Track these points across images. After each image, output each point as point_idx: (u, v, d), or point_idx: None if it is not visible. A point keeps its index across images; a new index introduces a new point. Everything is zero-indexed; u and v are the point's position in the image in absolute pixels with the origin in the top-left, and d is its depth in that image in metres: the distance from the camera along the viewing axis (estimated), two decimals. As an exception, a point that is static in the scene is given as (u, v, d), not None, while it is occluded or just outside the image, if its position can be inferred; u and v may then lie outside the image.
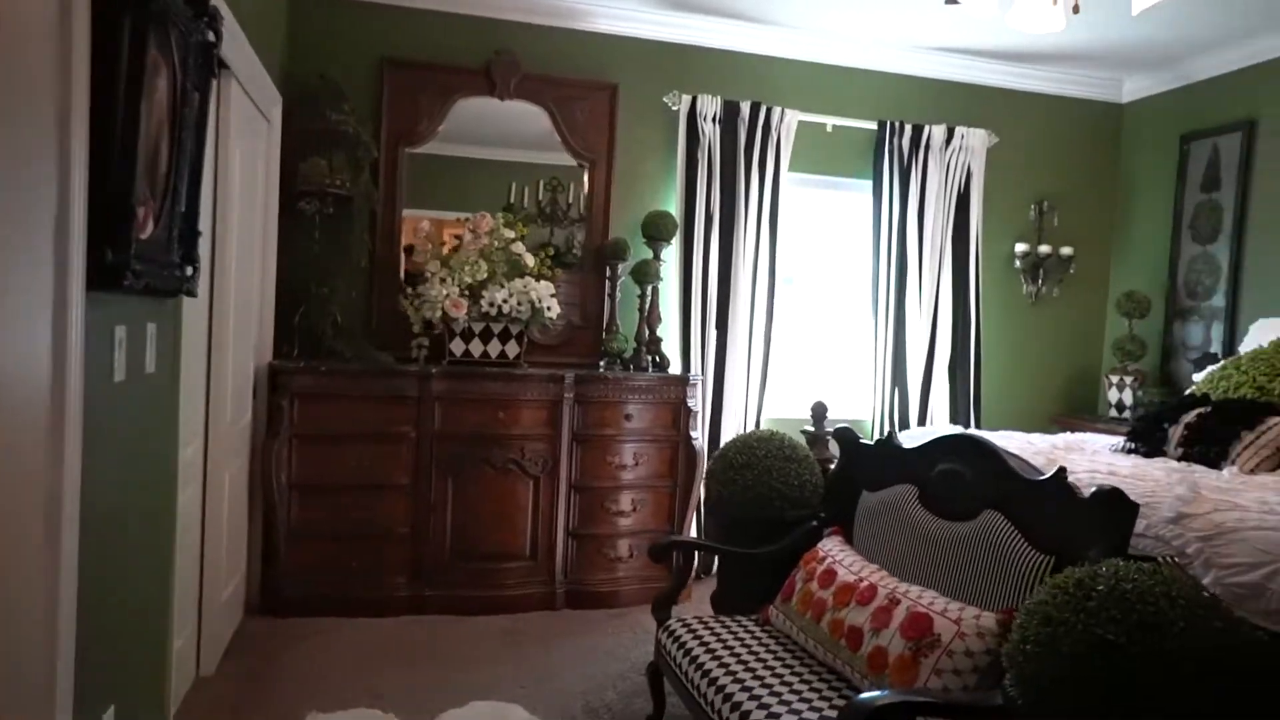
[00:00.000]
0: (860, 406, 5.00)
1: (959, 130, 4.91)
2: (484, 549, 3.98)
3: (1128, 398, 4.86)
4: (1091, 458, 2.92)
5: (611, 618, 3.99)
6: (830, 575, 2.44)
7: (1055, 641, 1.47)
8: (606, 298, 4.44)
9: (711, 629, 2.57)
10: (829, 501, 2.98)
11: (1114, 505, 1.87)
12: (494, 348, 4.05)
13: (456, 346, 4.02)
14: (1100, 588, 1.48)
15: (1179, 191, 4.93)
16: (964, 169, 4.95)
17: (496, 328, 4.04)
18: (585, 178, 4.53)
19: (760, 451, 3.09)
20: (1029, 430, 5.19)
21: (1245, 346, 3.91)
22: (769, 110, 4.64)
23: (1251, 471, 2.76)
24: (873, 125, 4.88)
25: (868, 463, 2.86)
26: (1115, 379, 4.91)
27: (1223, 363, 3.40)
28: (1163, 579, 1.49)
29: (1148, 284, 5.05)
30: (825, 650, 2.27)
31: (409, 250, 4.29)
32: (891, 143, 4.85)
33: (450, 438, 3.90)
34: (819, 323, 5.13)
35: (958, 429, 2.85)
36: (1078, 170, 5.33)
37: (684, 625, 2.62)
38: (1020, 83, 5.13)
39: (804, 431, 3.56)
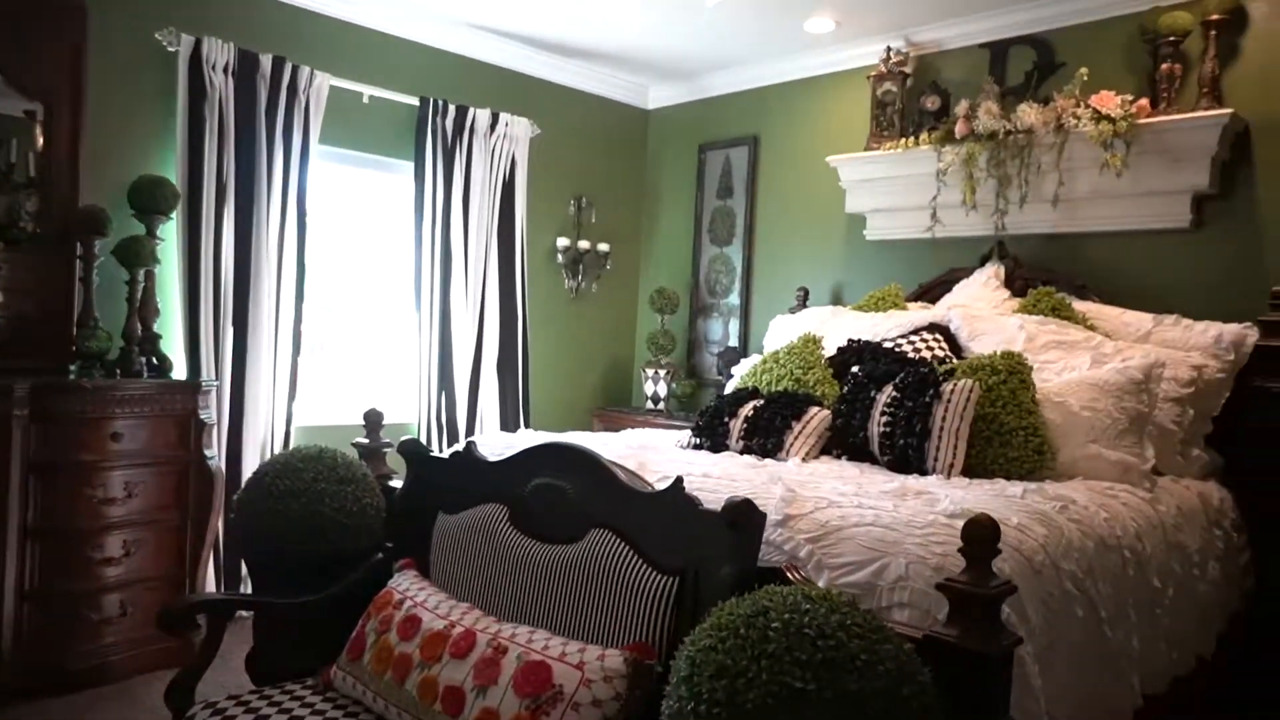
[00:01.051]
0: (405, 410, 4.55)
1: (504, 117, 4.70)
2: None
3: (662, 389, 5.09)
4: (671, 457, 2.84)
5: (101, 701, 3.04)
6: (413, 623, 1.98)
7: (736, 697, 1.20)
8: (78, 283, 3.40)
9: (254, 709, 1.95)
10: (395, 528, 2.51)
11: (743, 517, 1.71)
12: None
13: None
14: (776, 624, 1.25)
15: (698, 197, 5.30)
16: (509, 158, 4.76)
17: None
18: (38, 128, 3.41)
19: (309, 474, 2.49)
20: (574, 425, 5.22)
21: (769, 341, 4.26)
22: (295, 69, 3.96)
23: (804, 459, 2.91)
24: (414, 101, 4.45)
25: (443, 480, 2.45)
26: (650, 372, 5.12)
27: (762, 357, 3.63)
28: (831, 603, 1.31)
29: (675, 281, 5.35)
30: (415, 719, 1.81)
31: None
32: (435, 122, 4.46)
33: None
34: (358, 318, 4.56)
35: (549, 437, 2.56)
36: (612, 169, 5.47)
37: (214, 712, 1.96)
38: (562, 76, 5.10)
39: (356, 444, 3.01)
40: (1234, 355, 3.17)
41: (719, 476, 2.43)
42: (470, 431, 4.59)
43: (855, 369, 3.18)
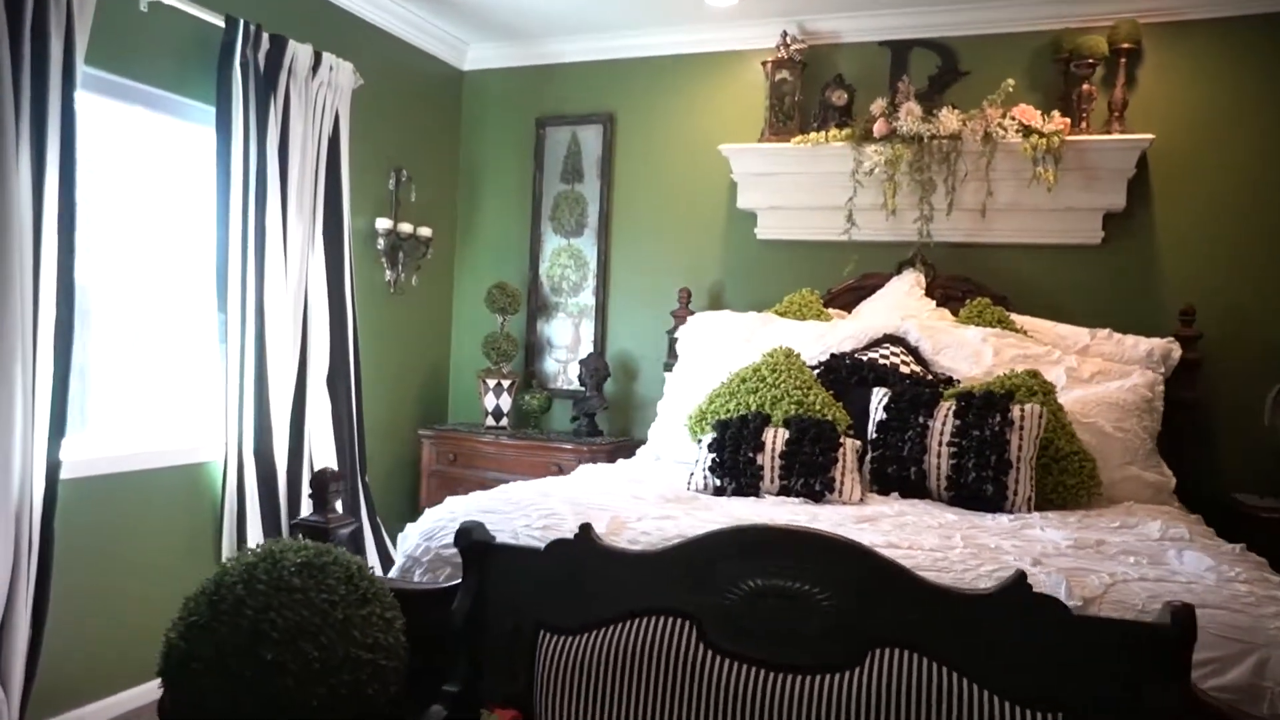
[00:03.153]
0: (206, 442, 3.35)
1: (327, 59, 3.64)
2: None
3: (505, 403, 4.35)
4: (706, 508, 2.24)
5: None
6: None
7: None
8: None
9: None
10: (446, 661, 1.68)
11: (1187, 627, 1.26)
12: None
13: None
14: None
15: (537, 178, 4.60)
16: (333, 113, 3.70)
17: None
18: None
19: (318, 596, 1.58)
20: (402, 453, 4.30)
21: (686, 351, 3.76)
22: (59, -51, 2.65)
23: (861, 501, 2.48)
24: (219, 21, 3.25)
25: (540, 585, 1.67)
26: (493, 382, 4.35)
27: (733, 374, 3.12)
28: None
29: (506, 275, 4.60)
30: None
31: None
32: (245, 54, 3.30)
33: None
34: (139, 320, 3.26)
35: (713, 513, 1.84)
36: (431, 138, 4.56)
37: None
38: (381, 16, 4.10)
39: (306, 525, 2.02)
40: (1164, 369, 3.33)
41: (882, 545, 1.92)
42: (295, 466, 3.50)
43: (882, 392, 2.82)
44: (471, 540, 1.72)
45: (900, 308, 3.62)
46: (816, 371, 3.11)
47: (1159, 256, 3.62)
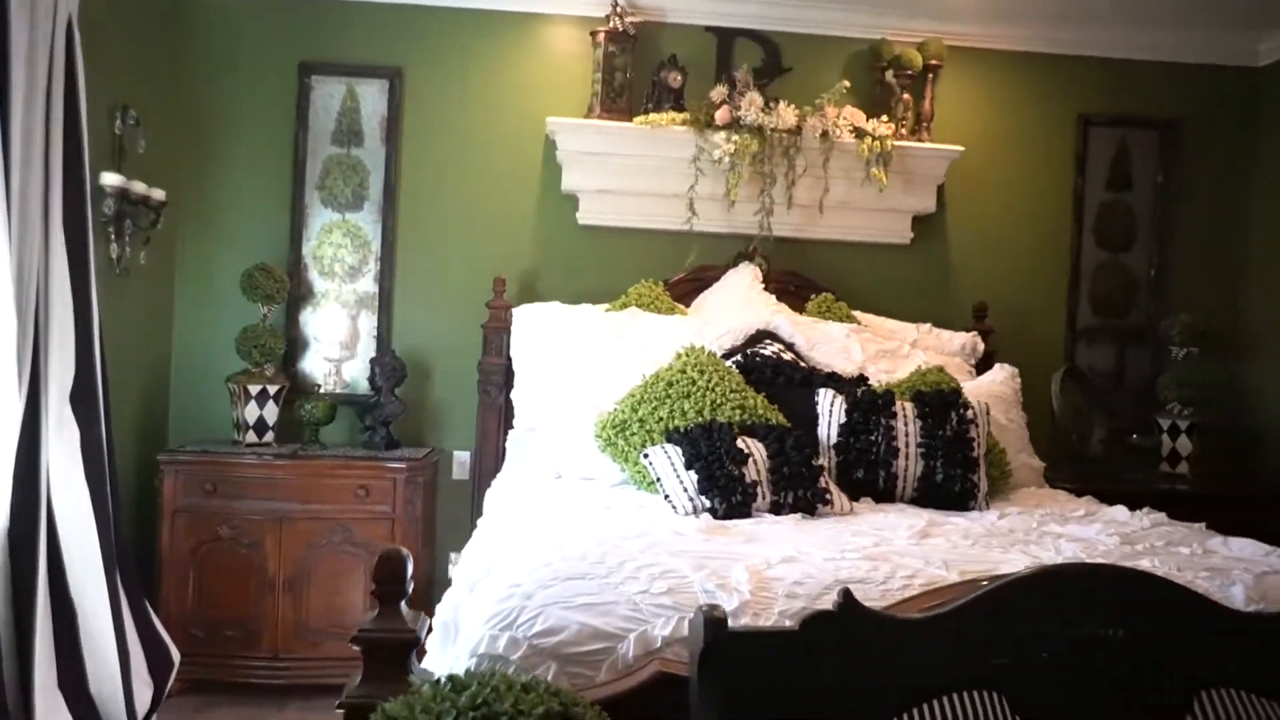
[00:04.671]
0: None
1: (55, -58, 2.56)
2: None
3: (270, 414, 3.49)
4: (758, 544, 1.93)
5: None
6: None
7: None
8: None
9: None
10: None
11: None
12: None
13: None
14: None
15: (300, 138, 3.74)
16: (64, 18, 2.63)
17: None
18: None
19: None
20: (137, 481, 3.30)
21: (526, 351, 3.29)
22: None
23: (851, 512, 2.33)
24: None
25: (804, 673, 1.28)
26: (255, 388, 3.46)
27: (657, 375, 2.73)
28: None
29: (259, 254, 3.66)
30: None
31: None
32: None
33: None
34: None
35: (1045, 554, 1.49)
36: (160, 73, 3.49)
37: None
38: (107, -102, 3.01)
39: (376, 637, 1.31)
40: (974, 361, 3.66)
41: (867, 558, 1.80)
42: (26, 526, 2.42)
43: (830, 394, 2.69)
44: (734, 640, 1.24)
45: (746, 302, 3.54)
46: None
47: (956, 257, 3.97)
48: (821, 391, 2.75)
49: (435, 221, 3.80)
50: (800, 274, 3.81)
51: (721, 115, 3.58)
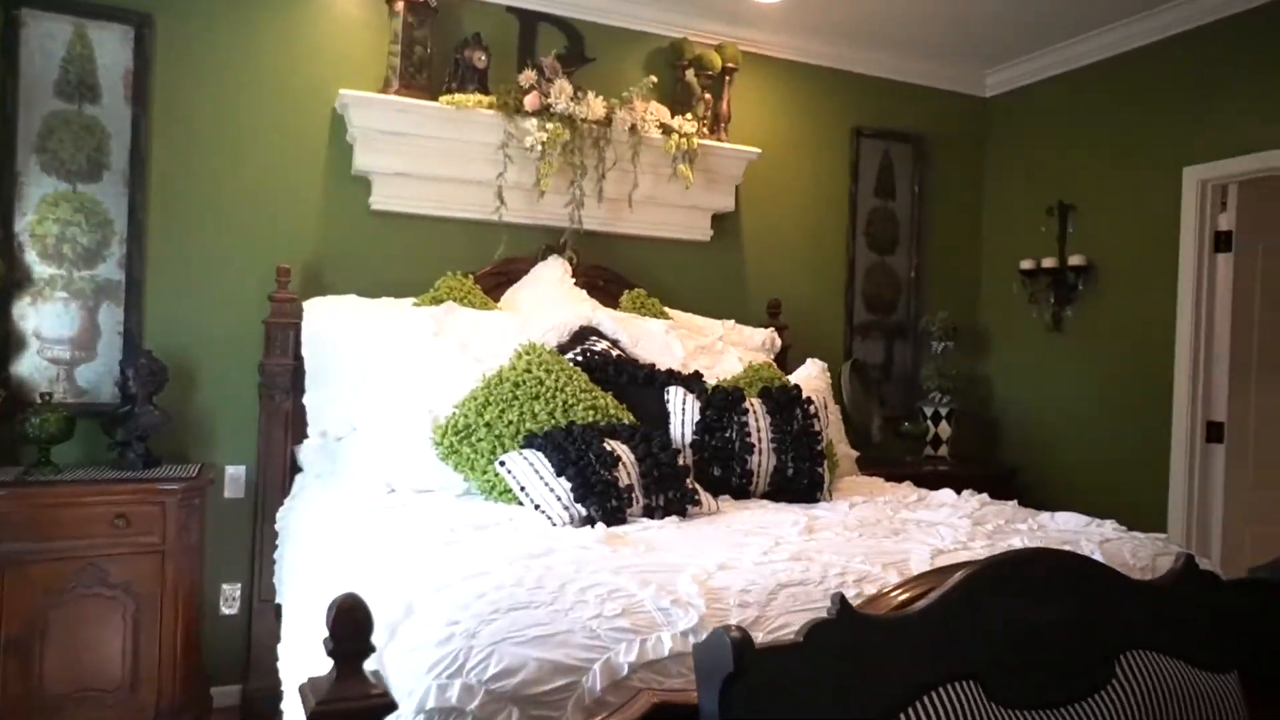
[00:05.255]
0: None
1: None
2: None
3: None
4: (658, 552, 1.81)
5: None
6: None
7: None
8: None
9: None
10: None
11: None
12: None
13: None
14: None
15: (9, 89, 3.02)
16: None
17: None
18: None
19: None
20: None
21: (321, 350, 2.89)
22: None
23: (719, 510, 2.27)
24: None
25: (807, 683, 1.19)
26: (-39, 400, 2.75)
27: (500, 376, 2.45)
28: None
29: (-43, 232, 2.94)
30: None
31: None
32: None
33: None
34: None
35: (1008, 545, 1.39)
36: None
37: None
38: None
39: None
40: (773, 355, 3.79)
41: (792, 559, 1.81)
42: None
43: (680, 391, 2.60)
44: (751, 653, 1.09)
45: (559, 297, 3.39)
46: (572, 370, 2.74)
47: (751, 256, 4.09)
48: (672, 389, 2.68)
49: (198, 199, 3.25)
50: (609, 269, 3.72)
51: (531, 101, 3.40)
